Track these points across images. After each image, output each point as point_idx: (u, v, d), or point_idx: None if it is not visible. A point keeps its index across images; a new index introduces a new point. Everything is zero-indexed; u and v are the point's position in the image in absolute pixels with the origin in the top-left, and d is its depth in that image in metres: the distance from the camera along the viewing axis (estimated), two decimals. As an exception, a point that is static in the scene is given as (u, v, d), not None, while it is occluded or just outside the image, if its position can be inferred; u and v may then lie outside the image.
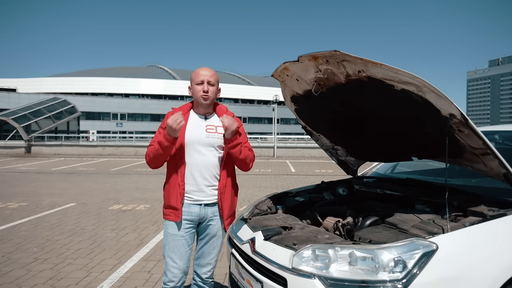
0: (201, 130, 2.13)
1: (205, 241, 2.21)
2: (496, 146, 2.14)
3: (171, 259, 2.11)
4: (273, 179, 10.73)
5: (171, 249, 2.11)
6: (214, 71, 2.18)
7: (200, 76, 2.12)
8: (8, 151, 20.45)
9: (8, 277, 3.37)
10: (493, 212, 1.81)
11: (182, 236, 2.11)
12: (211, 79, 2.13)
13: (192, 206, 2.12)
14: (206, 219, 2.15)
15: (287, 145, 21.65)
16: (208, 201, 2.14)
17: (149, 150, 2.12)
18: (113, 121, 49.28)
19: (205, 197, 2.13)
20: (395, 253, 1.55)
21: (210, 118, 2.20)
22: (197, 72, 2.16)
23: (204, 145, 2.12)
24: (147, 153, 2.14)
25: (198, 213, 2.12)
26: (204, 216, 2.14)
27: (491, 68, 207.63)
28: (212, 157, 2.13)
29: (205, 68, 2.17)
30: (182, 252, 2.12)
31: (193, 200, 2.12)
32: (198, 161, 2.11)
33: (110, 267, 3.63)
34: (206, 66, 2.17)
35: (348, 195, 2.87)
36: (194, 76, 2.15)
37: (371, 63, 1.74)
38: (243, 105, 58.00)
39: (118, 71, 59.35)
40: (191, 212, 2.12)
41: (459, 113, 1.72)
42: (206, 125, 2.16)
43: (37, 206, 6.64)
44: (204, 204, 2.13)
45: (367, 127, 2.48)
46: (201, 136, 2.12)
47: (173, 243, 2.11)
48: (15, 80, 49.65)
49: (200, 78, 2.12)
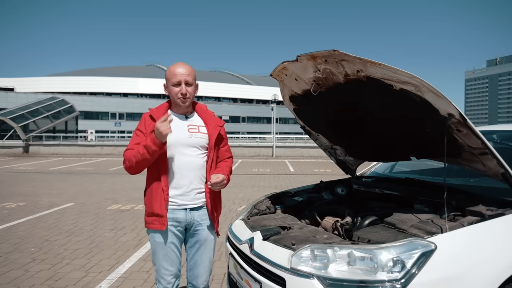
0: (183, 131, 2.01)
1: (196, 249, 2.09)
2: (494, 145, 2.14)
3: (163, 267, 2.01)
4: (271, 179, 10.73)
5: (161, 258, 2.01)
6: (190, 67, 2.01)
7: (177, 76, 1.96)
8: (6, 151, 20.39)
9: (5, 278, 3.36)
10: (492, 212, 1.81)
11: (171, 243, 2.01)
12: (188, 79, 1.97)
13: (177, 211, 1.99)
14: (193, 224, 2.04)
15: (286, 145, 21.66)
16: (194, 205, 2.02)
17: (129, 155, 1.94)
18: (112, 120, 49.18)
19: (190, 201, 2.01)
20: (393, 253, 1.55)
21: (191, 118, 2.08)
22: (173, 71, 1.98)
23: (187, 146, 2.00)
24: (126, 158, 1.96)
25: (184, 218, 2.00)
26: (191, 221, 2.02)
27: (489, 68, 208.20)
28: (196, 158, 2.02)
29: (180, 65, 1.99)
30: (173, 258, 2.02)
31: (178, 205, 2.00)
32: (182, 163, 1.98)
33: (108, 267, 3.62)
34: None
35: (346, 195, 2.87)
36: (170, 76, 1.97)
37: (370, 62, 1.74)
38: (242, 105, 58.00)
39: (116, 70, 59.21)
40: (176, 218, 1.99)
41: (458, 113, 1.72)
42: (188, 125, 2.04)
43: (35, 206, 6.62)
44: (190, 209, 2.01)
45: (366, 126, 2.48)
46: (183, 137, 2.00)
47: (162, 251, 2.00)
48: (13, 79, 49.48)
49: (176, 79, 1.96)
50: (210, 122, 2.10)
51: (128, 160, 1.95)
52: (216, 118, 2.14)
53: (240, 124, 53.36)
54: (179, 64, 2.00)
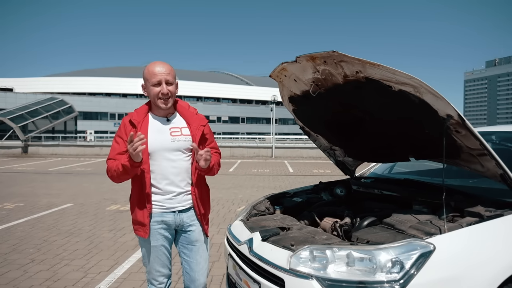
0: (165, 135, 1.93)
1: (189, 250, 2.05)
2: (493, 146, 2.15)
3: (154, 269, 2.02)
4: (271, 180, 10.72)
5: (152, 260, 2.01)
6: (169, 65, 1.92)
7: (156, 75, 1.86)
8: (5, 151, 20.36)
9: (4, 278, 3.35)
10: (490, 213, 1.81)
11: (161, 245, 2.00)
12: (169, 78, 1.88)
13: (166, 214, 1.96)
14: (183, 226, 2.01)
15: (285, 145, 21.65)
16: (182, 207, 1.98)
17: (111, 166, 1.89)
18: (111, 121, 49.12)
19: (178, 203, 1.97)
20: (392, 253, 1.56)
21: (172, 120, 2.00)
22: (151, 70, 1.88)
23: (170, 150, 1.93)
24: (109, 168, 1.91)
25: (173, 220, 1.98)
26: (180, 223, 1.99)
27: (488, 68, 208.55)
28: (181, 162, 1.95)
29: (159, 64, 1.89)
30: (163, 260, 2.02)
31: (166, 208, 1.96)
32: (167, 168, 1.92)
33: (107, 268, 3.62)
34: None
35: (346, 196, 2.87)
36: (149, 75, 1.88)
37: (369, 63, 1.74)
38: (241, 105, 58.00)
39: (115, 70, 59.18)
40: (166, 221, 1.97)
41: (457, 114, 1.73)
42: (170, 128, 1.96)
43: (33, 206, 6.61)
44: (178, 211, 1.98)
45: (365, 127, 2.48)
46: (166, 142, 1.93)
47: (153, 254, 1.99)
48: (12, 79, 49.42)
49: (156, 79, 1.86)
50: (193, 121, 2.01)
51: (110, 172, 1.92)
52: (198, 117, 2.05)
53: (240, 125, 53.37)
54: (157, 62, 1.91)
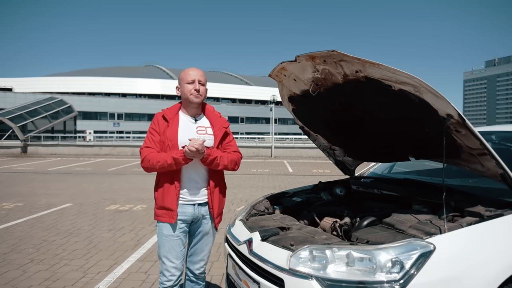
0: (192, 133, 2.17)
1: (198, 239, 2.25)
2: (493, 146, 2.14)
3: (168, 259, 2.14)
4: (270, 179, 10.72)
5: (167, 250, 2.14)
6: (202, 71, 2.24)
7: (191, 75, 2.17)
8: (4, 151, 20.34)
9: (3, 278, 3.35)
10: (490, 213, 1.81)
11: (177, 236, 2.15)
12: (201, 79, 2.18)
13: (186, 206, 2.15)
14: (199, 218, 2.20)
15: (284, 145, 21.65)
16: (201, 200, 2.19)
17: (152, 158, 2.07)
18: (110, 121, 49.13)
19: (198, 197, 2.18)
20: (392, 253, 1.55)
21: (199, 120, 2.24)
22: (187, 71, 2.20)
23: None
24: (148, 159, 2.08)
25: (192, 213, 2.16)
26: (198, 215, 2.19)
27: (487, 68, 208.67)
28: None
29: (194, 68, 2.23)
30: (178, 251, 2.15)
31: (187, 201, 2.16)
32: (192, 163, 2.12)
33: (106, 268, 3.61)
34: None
35: (345, 196, 2.86)
36: (184, 76, 2.19)
37: (369, 63, 1.74)
38: (241, 105, 57.98)
39: (115, 70, 59.13)
40: (186, 212, 2.15)
41: (457, 113, 1.72)
42: (197, 127, 2.20)
43: (33, 206, 6.61)
44: (198, 204, 2.18)
45: (365, 127, 2.48)
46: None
47: (168, 243, 2.14)
48: (11, 79, 49.36)
49: (191, 77, 2.16)
50: (216, 123, 2.25)
51: (150, 162, 2.09)
52: (222, 119, 2.29)
53: (239, 125, 53.34)
54: (192, 67, 2.23)
